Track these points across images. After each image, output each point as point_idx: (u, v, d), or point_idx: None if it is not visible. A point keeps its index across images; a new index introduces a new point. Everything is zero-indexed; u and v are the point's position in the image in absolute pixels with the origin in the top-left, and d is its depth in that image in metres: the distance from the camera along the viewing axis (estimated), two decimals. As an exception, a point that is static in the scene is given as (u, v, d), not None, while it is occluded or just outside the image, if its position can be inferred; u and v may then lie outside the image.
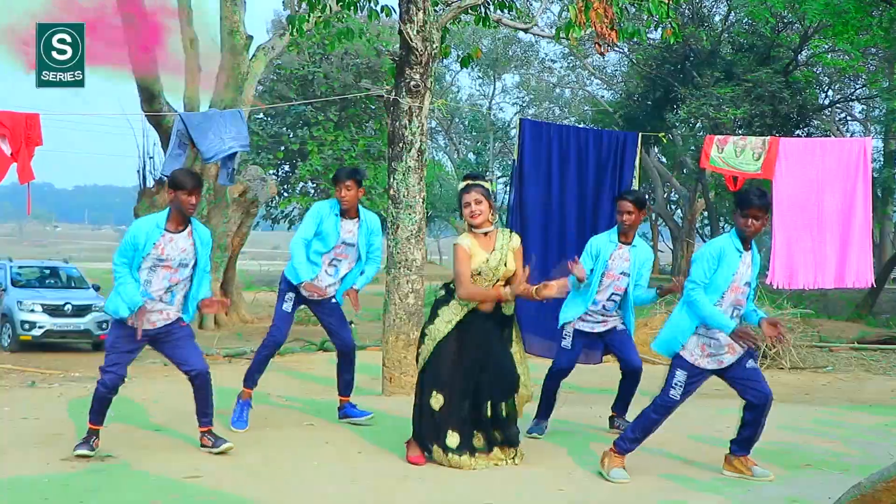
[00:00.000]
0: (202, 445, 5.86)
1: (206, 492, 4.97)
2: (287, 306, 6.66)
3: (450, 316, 5.59)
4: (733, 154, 8.96)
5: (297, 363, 11.41)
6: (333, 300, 6.69)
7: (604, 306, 6.49)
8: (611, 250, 6.45)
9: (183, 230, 5.64)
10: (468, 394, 5.56)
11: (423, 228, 8.46)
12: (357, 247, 6.60)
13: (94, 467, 5.45)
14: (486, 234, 5.58)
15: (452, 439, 5.52)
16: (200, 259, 5.69)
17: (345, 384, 6.84)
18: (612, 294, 6.49)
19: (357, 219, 6.61)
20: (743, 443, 5.54)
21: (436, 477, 5.39)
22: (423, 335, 5.71)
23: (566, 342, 6.57)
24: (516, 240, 5.67)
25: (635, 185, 8.76)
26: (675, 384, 5.39)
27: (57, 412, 7.40)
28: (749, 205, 5.27)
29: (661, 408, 5.44)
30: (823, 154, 8.99)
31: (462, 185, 5.68)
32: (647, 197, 6.68)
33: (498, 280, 5.57)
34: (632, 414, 6.95)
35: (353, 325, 14.42)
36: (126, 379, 5.82)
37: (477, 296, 5.53)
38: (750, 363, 5.45)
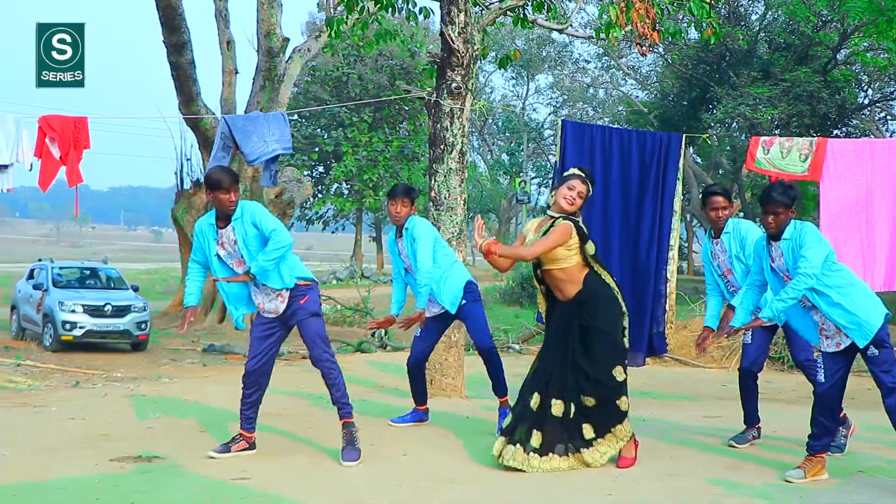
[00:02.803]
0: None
1: (256, 493, 4.99)
2: (417, 330, 6.81)
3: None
4: (779, 155, 8.84)
5: (336, 364, 11.40)
6: (462, 302, 6.66)
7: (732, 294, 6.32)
8: (710, 250, 6.37)
9: (227, 225, 5.66)
10: (534, 388, 5.57)
11: (465, 230, 8.45)
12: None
13: (144, 468, 5.49)
14: (551, 217, 5.61)
15: (535, 439, 5.51)
16: (263, 234, 5.61)
17: (493, 385, 6.84)
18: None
19: (404, 233, 6.60)
20: None
21: (482, 480, 5.37)
22: None
23: (746, 337, 6.41)
24: (559, 223, 5.56)
25: (678, 187, 8.70)
26: (818, 367, 5.45)
27: (103, 412, 7.47)
28: (769, 201, 5.24)
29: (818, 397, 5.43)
30: (873, 155, 8.83)
31: (580, 172, 5.65)
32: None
33: (540, 265, 5.62)
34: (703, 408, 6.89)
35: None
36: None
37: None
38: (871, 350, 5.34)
